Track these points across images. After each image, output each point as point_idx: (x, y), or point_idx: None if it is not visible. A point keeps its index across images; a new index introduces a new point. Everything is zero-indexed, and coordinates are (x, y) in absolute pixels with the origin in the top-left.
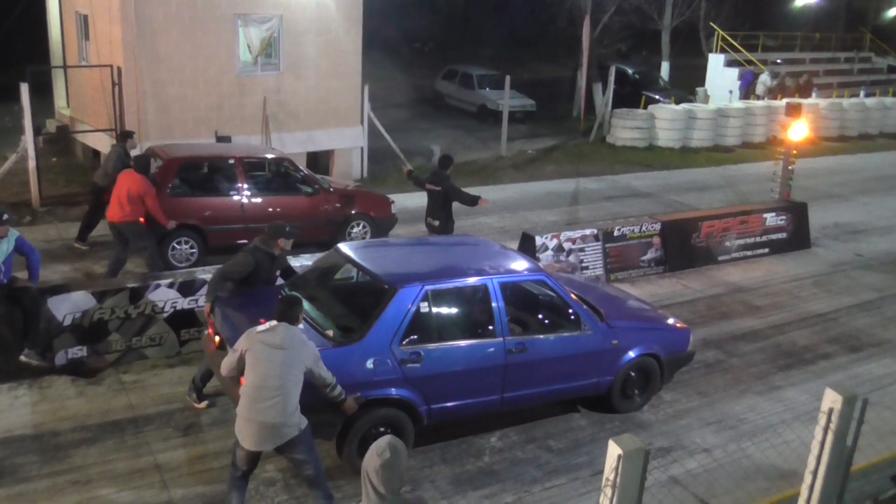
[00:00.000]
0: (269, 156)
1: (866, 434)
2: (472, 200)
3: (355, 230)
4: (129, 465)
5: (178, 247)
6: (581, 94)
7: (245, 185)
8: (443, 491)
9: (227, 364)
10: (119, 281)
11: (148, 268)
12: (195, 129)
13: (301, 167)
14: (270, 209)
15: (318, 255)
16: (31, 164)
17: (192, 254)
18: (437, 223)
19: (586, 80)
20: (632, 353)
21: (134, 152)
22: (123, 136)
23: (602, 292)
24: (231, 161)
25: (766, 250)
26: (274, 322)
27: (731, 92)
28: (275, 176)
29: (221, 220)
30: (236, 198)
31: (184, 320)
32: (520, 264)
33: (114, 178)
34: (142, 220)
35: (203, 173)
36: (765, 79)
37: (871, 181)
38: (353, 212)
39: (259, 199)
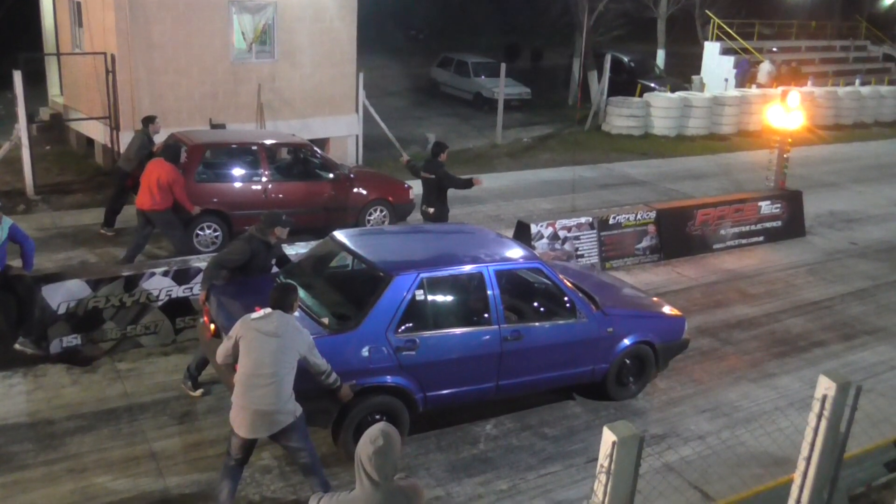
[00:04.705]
0: (291, 142)
1: (860, 421)
2: (466, 184)
3: (374, 215)
4: (125, 453)
5: (201, 232)
6: (577, 81)
7: (268, 171)
8: (438, 478)
9: (221, 351)
10: (114, 269)
11: (175, 254)
12: (189, 117)
13: (320, 152)
14: (293, 194)
15: (313, 243)
16: (25, 152)
17: (216, 238)
18: (432, 210)
19: (582, 68)
20: (627, 341)
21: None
22: (146, 122)
23: (597, 280)
24: (254, 147)
25: (761, 238)
26: (269, 310)
27: (726, 80)
28: (296, 162)
29: (245, 205)
30: (259, 183)
31: (179, 308)
32: (515, 252)
33: (137, 163)
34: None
35: (227, 159)
36: (770, 68)
37: (865, 170)
38: (372, 197)
39: (282, 185)
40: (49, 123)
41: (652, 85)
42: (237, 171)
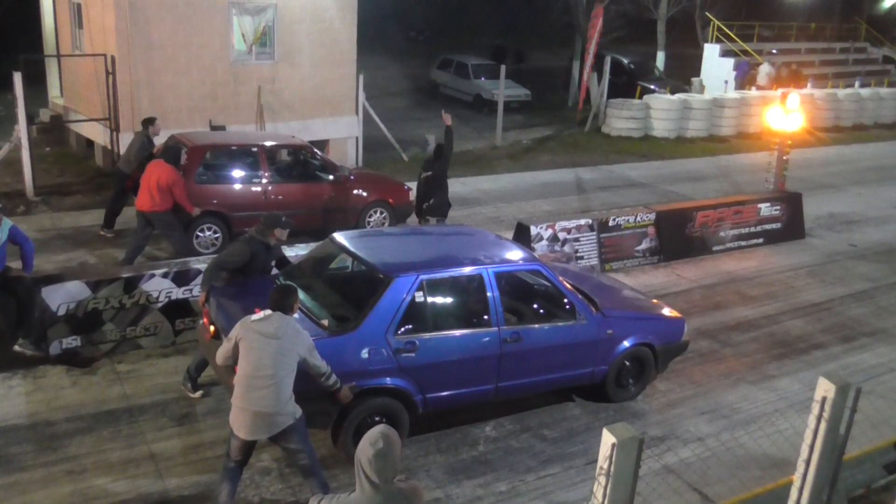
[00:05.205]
0: (291, 143)
1: (859, 423)
2: (448, 133)
3: (374, 217)
4: (124, 455)
5: (201, 234)
6: (577, 83)
7: (268, 173)
8: (437, 480)
9: (221, 353)
10: (113, 271)
11: (175, 255)
12: (189, 117)
13: (320, 154)
14: (293, 196)
15: (313, 245)
16: (25, 153)
17: (216, 239)
18: (432, 201)
19: (588, 70)
20: (626, 343)
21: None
22: (145, 123)
23: (597, 282)
24: (254, 149)
25: (761, 240)
26: (268, 311)
27: (726, 82)
28: (296, 163)
29: (245, 206)
30: (259, 185)
31: (178, 310)
32: (515, 254)
33: (137, 164)
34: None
35: (227, 161)
36: (769, 70)
37: (865, 172)
38: (371, 199)
39: (281, 186)
40: (49, 125)
41: (652, 87)
42: (237, 173)
